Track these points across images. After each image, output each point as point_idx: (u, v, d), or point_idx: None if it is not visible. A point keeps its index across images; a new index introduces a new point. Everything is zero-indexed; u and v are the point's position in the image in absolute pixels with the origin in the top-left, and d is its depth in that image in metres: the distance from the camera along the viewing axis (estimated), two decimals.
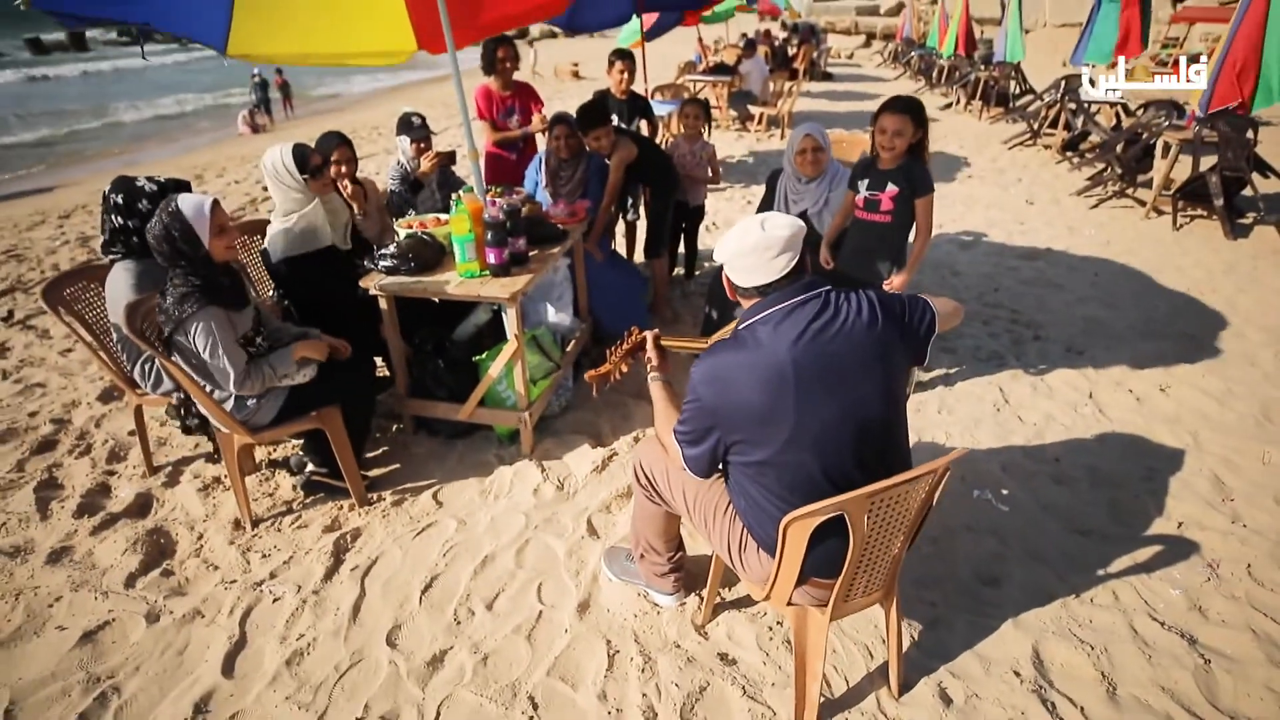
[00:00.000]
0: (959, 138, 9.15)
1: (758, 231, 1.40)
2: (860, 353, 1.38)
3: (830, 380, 1.37)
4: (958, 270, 4.57)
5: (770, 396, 1.36)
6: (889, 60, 20.03)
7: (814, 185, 2.97)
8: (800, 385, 1.35)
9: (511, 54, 3.71)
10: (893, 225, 2.64)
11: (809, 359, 1.35)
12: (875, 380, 1.40)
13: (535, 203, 3.08)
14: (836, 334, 1.38)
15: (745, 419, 1.39)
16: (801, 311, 1.39)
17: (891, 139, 2.49)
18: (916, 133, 2.51)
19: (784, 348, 1.36)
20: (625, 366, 1.86)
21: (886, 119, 2.49)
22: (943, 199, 6.22)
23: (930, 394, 3.12)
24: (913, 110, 2.48)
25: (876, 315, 1.42)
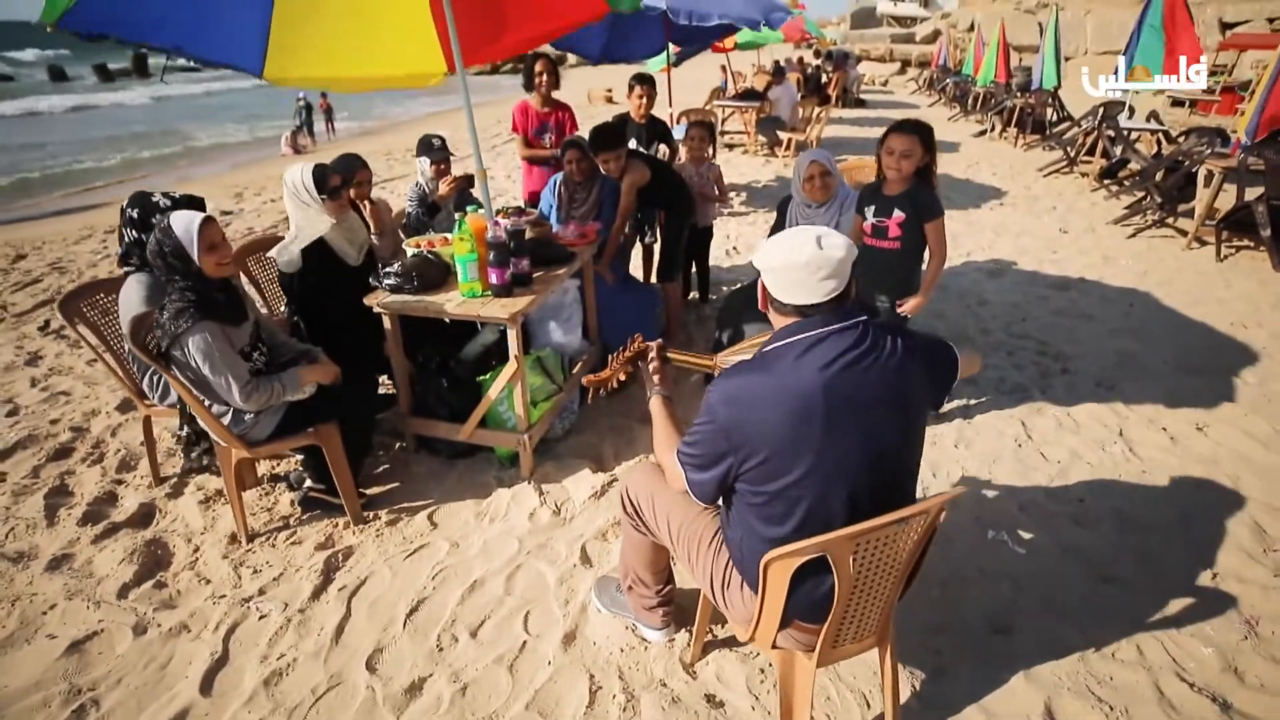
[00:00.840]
0: (992, 165, 8.98)
1: (813, 248, 1.31)
2: (889, 390, 1.32)
3: (858, 413, 1.30)
4: (985, 299, 4.43)
5: (796, 424, 1.28)
6: (923, 87, 19.92)
7: (823, 210, 2.90)
8: (830, 415, 1.28)
9: (549, 69, 3.75)
10: (901, 252, 2.56)
11: (840, 388, 1.28)
12: (899, 418, 1.34)
13: (545, 223, 3.08)
14: (870, 367, 1.30)
15: (766, 446, 1.31)
16: (837, 339, 1.31)
17: (899, 161, 2.42)
18: (924, 156, 2.44)
19: (814, 374, 1.28)
20: (625, 374, 1.81)
21: (894, 140, 2.42)
22: (971, 226, 6.09)
23: (948, 426, 3.00)
24: (921, 132, 2.41)
25: (909, 353, 1.35)
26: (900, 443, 1.36)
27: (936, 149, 2.50)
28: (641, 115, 4.02)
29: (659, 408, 1.67)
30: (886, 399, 1.31)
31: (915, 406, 1.37)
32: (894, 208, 2.51)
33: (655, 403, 1.68)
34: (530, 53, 3.65)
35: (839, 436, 1.29)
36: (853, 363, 1.30)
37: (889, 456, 1.35)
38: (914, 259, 2.58)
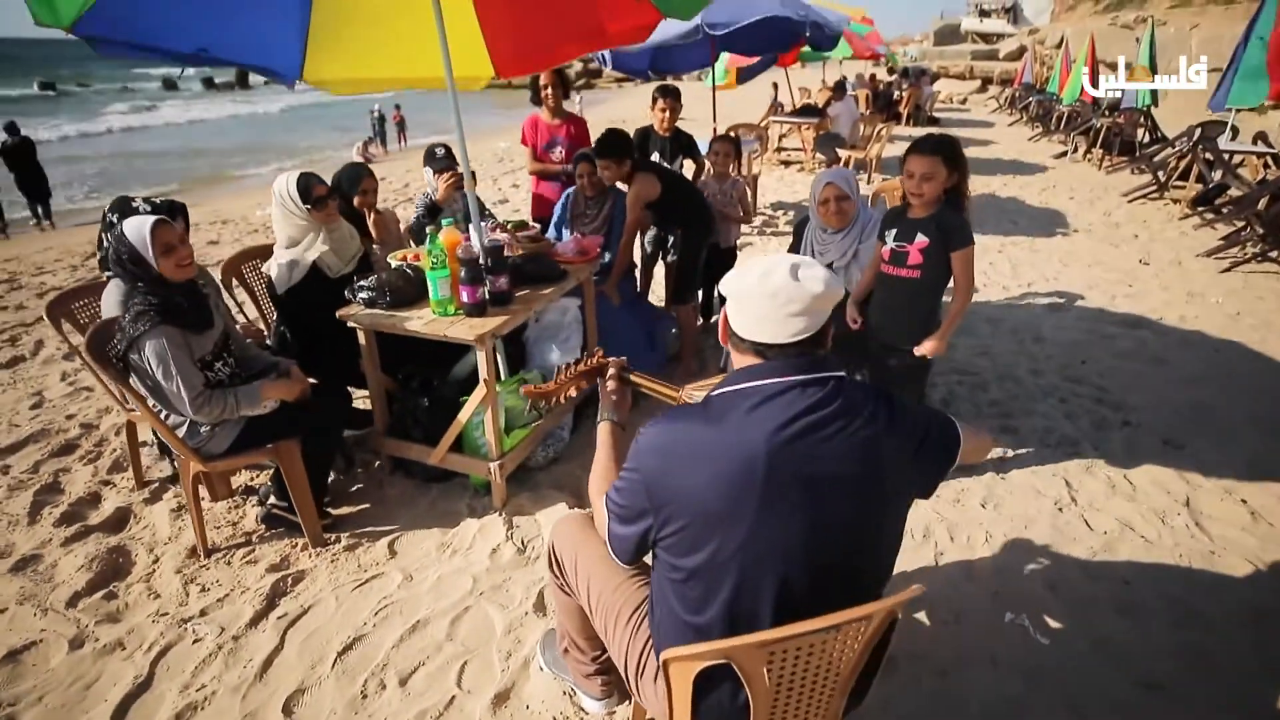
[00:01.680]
0: (1070, 188, 8.32)
1: (785, 277, 1.10)
2: (855, 466, 1.07)
3: (808, 489, 1.06)
4: (1041, 335, 3.99)
5: (728, 491, 1.06)
6: (1004, 106, 18.92)
7: (840, 237, 2.63)
8: (770, 487, 1.05)
9: (555, 81, 3.64)
10: (922, 282, 2.26)
11: (789, 457, 1.05)
12: (864, 502, 1.09)
13: (543, 239, 2.94)
14: (834, 435, 1.07)
15: (689, 511, 1.09)
16: (799, 395, 1.08)
17: (919, 184, 2.14)
18: (950, 176, 2.15)
19: (761, 435, 1.06)
20: (575, 390, 1.62)
21: (913, 161, 2.15)
22: (1037, 254, 5.59)
23: (976, 481, 2.65)
24: (944, 151, 2.12)
25: (891, 426, 1.11)
26: (862, 531, 1.11)
27: (967, 167, 2.20)
28: (665, 128, 3.84)
29: (605, 436, 1.45)
30: (850, 476, 1.07)
31: (891, 490, 1.12)
32: (917, 232, 2.22)
33: (603, 429, 1.46)
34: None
35: (778, 514, 1.05)
36: (812, 427, 1.06)
37: (843, 546, 1.10)
38: (935, 292, 2.28)
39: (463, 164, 2.58)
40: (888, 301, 2.38)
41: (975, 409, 3.18)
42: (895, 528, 1.19)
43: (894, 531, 1.19)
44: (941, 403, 3.24)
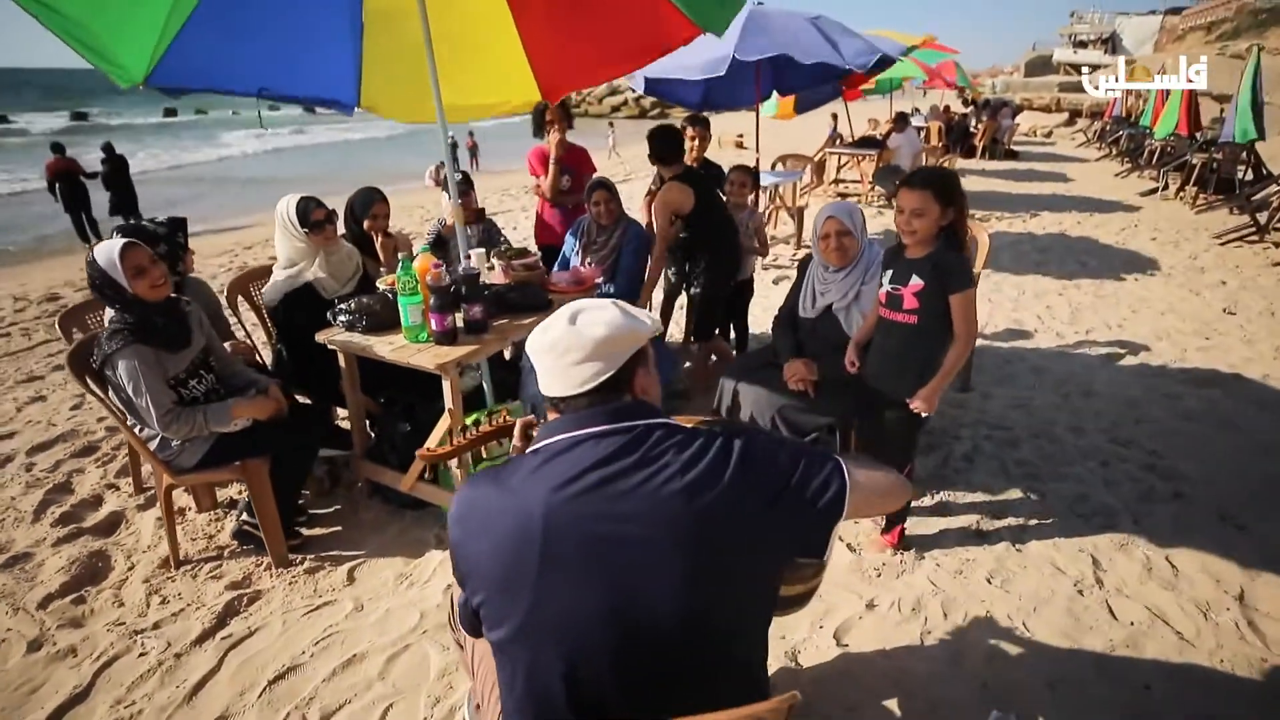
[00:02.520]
0: (1154, 228, 7.67)
1: (561, 325, 1.04)
2: (667, 524, 0.93)
3: (602, 554, 0.93)
4: (1092, 390, 3.61)
5: (507, 560, 0.96)
6: (1092, 139, 17.86)
7: (842, 275, 2.45)
8: (548, 552, 0.94)
9: (558, 117, 3.65)
10: (918, 329, 2.05)
11: (573, 516, 0.94)
12: (690, 568, 0.93)
13: (539, 269, 2.89)
14: (634, 490, 0.94)
15: (484, 582, 1.00)
16: (590, 448, 0.98)
17: (910, 220, 1.95)
18: (945, 213, 1.95)
19: (540, 494, 0.96)
20: (481, 450, 1.54)
21: (903, 196, 1.97)
22: (1102, 299, 5.13)
23: (985, 551, 2.37)
24: (936, 185, 1.93)
25: (724, 475, 0.96)
26: (690, 603, 0.94)
27: (965, 203, 1.99)
28: (694, 158, 3.76)
29: None
30: (659, 537, 0.93)
31: (731, 553, 0.96)
32: (912, 274, 2.03)
33: None
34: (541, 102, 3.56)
35: (566, 584, 0.93)
36: (605, 481, 0.94)
37: (663, 622, 0.94)
38: (934, 339, 2.06)
39: (451, 193, 2.58)
40: (883, 348, 2.18)
41: (1000, 467, 2.88)
42: (749, 600, 1.01)
43: (746, 605, 1.01)
44: (964, 458, 2.96)
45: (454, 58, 2.99)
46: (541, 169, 3.81)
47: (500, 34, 2.92)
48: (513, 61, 3.01)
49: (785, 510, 1.00)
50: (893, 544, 2.35)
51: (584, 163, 3.83)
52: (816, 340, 2.54)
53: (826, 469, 1.04)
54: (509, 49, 2.96)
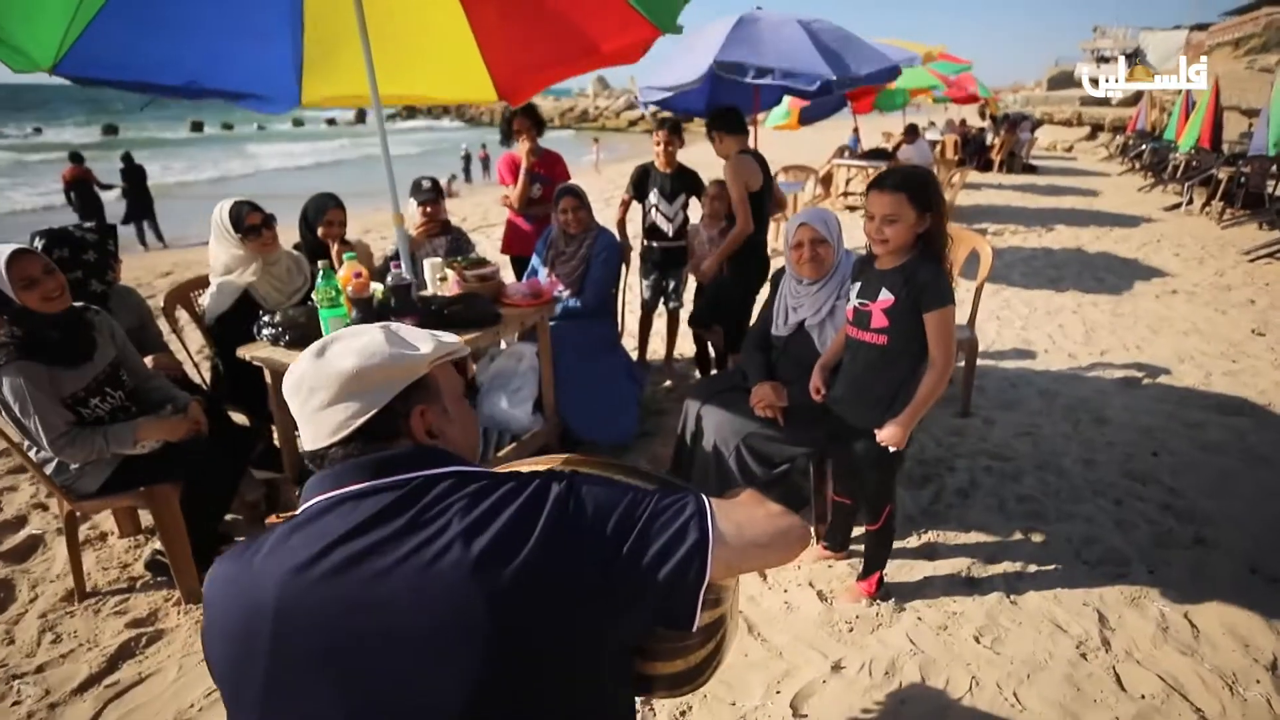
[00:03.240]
0: (1178, 243, 7.31)
1: (308, 359, 0.84)
2: (442, 613, 0.69)
3: (348, 662, 0.70)
4: (1105, 416, 3.31)
5: (232, 663, 0.74)
6: (1115, 154, 17.41)
7: (816, 288, 2.20)
8: (279, 657, 0.71)
9: (527, 126, 3.45)
10: (887, 351, 1.80)
11: (312, 609, 0.71)
12: (469, 678, 0.69)
13: (495, 280, 2.69)
14: (394, 568, 0.71)
15: (220, 684, 0.78)
16: (344, 514, 0.75)
17: (880, 227, 1.71)
18: (921, 220, 1.70)
19: (275, 577, 0.73)
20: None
21: (873, 200, 1.72)
22: (1119, 318, 4.81)
23: (977, 603, 2.09)
24: (911, 187, 1.68)
25: (526, 538, 0.73)
26: (471, 710, 0.69)
27: (944, 209, 1.75)
28: (666, 164, 3.54)
29: None
30: (429, 632, 0.69)
31: (542, 644, 0.71)
32: (882, 287, 1.78)
33: None
34: (509, 109, 3.38)
35: (291, 703, 0.70)
36: (351, 560, 0.72)
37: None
38: (906, 363, 1.80)
39: (390, 198, 2.39)
40: (849, 371, 1.92)
41: (998, 504, 2.60)
42: (581, 706, 0.76)
43: (578, 713, 0.77)
44: (958, 493, 2.68)
45: (403, 57, 2.84)
46: (511, 178, 3.63)
47: (452, 32, 2.75)
48: (466, 60, 2.84)
49: (621, 579, 0.75)
50: (869, 593, 2.08)
51: (558, 170, 3.63)
52: (788, 361, 2.29)
53: (680, 520, 0.79)
54: (462, 47, 2.79)
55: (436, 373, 0.90)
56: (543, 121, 3.52)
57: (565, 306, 3.10)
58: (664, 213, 3.55)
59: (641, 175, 3.59)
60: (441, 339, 0.93)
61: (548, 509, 0.77)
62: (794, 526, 0.87)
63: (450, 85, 3.07)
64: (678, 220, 3.57)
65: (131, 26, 2.12)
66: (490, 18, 2.72)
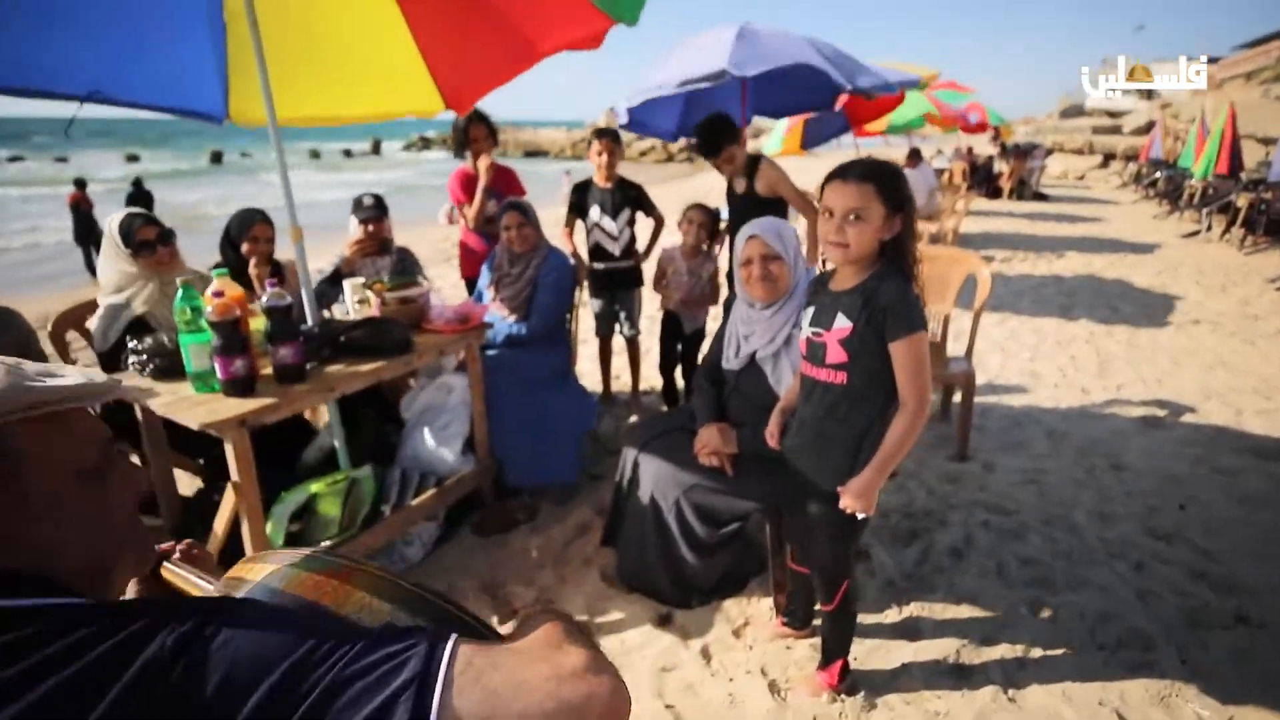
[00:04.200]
0: (1197, 271, 6.91)
1: None
2: None
3: None
4: (1121, 462, 2.91)
5: None
6: (1128, 182, 17.05)
7: (770, 313, 1.86)
8: None
9: (483, 134, 3.19)
10: (849, 392, 1.45)
11: None
12: None
13: (420, 302, 2.38)
14: None
15: None
16: None
17: (840, 228, 1.37)
18: (891, 222, 1.36)
19: None
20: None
21: (833, 191, 1.38)
22: (1136, 350, 4.41)
23: (965, 701, 1.70)
24: (881, 179, 1.35)
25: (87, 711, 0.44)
26: None
27: (914, 210, 1.40)
28: (606, 178, 3.24)
29: None
30: None
31: None
32: (837, 313, 1.44)
33: None
34: (462, 116, 3.13)
35: None
36: None
37: None
38: (872, 406, 1.45)
39: (288, 214, 2.10)
40: (806, 417, 1.57)
41: (997, 568, 2.21)
42: None
43: None
44: (950, 553, 2.29)
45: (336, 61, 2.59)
46: (464, 194, 3.35)
47: (388, 34, 2.49)
48: (407, 65, 2.58)
49: None
50: (831, 685, 1.69)
51: (513, 185, 3.35)
52: (740, 400, 1.95)
53: (386, 690, 0.47)
54: (400, 50, 2.53)
55: (29, 434, 0.57)
56: (496, 132, 3.25)
57: (509, 333, 2.79)
58: (607, 230, 3.25)
59: (579, 191, 3.31)
60: (68, 379, 0.60)
61: (123, 684, 0.44)
62: (594, 697, 0.52)
63: (389, 96, 2.80)
64: (624, 238, 3.27)
65: (22, 26, 1.87)
66: (429, 16, 2.47)
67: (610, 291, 3.33)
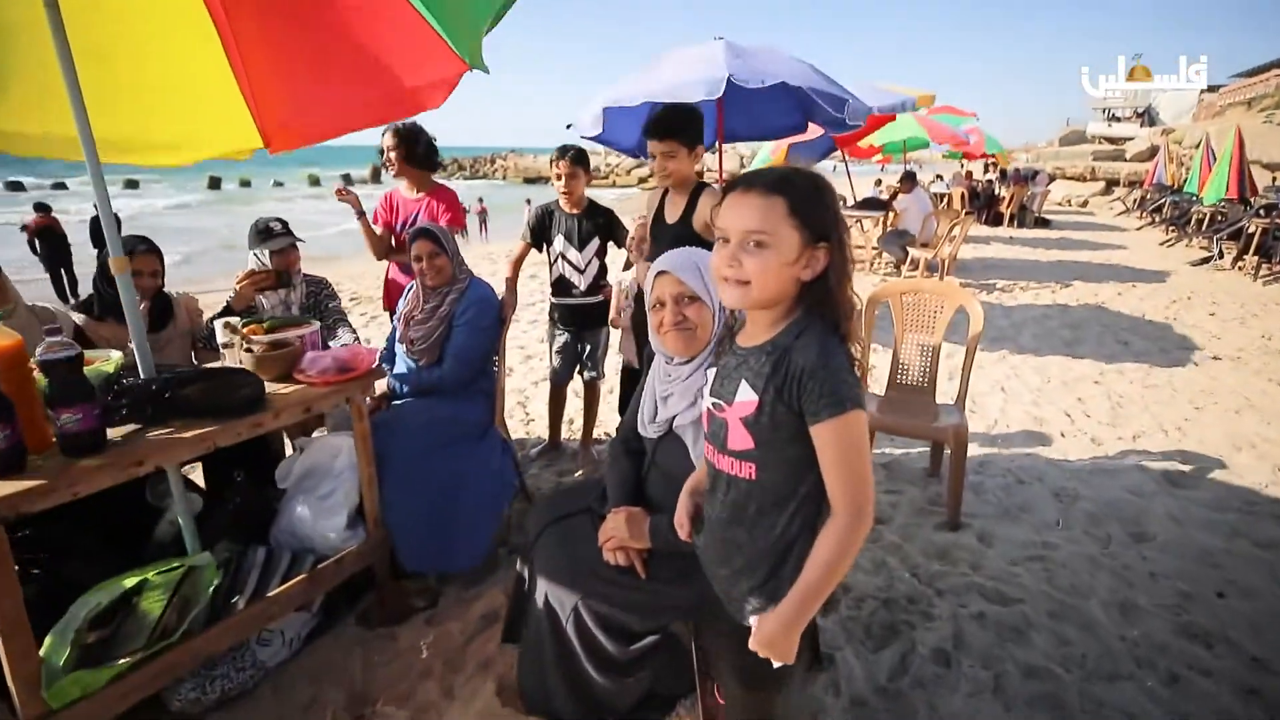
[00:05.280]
0: (1212, 302, 6.50)
1: None
2: None
3: None
4: (1144, 532, 2.47)
5: None
6: (1132, 208, 16.72)
7: (690, 370, 1.46)
8: None
9: (398, 145, 2.83)
10: (758, 490, 1.04)
11: None
12: None
13: (292, 347, 1.99)
14: None
15: None
16: None
17: (734, 259, 0.97)
18: (809, 254, 0.97)
19: None
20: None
21: (731, 207, 0.98)
22: (1153, 390, 3.98)
23: None
24: (794, 193, 0.95)
25: None
26: None
27: (847, 236, 1.00)
28: (573, 203, 2.86)
29: None
30: None
31: None
32: (741, 379, 1.04)
33: None
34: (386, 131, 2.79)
35: None
36: None
37: None
38: (791, 511, 1.03)
39: (109, 244, 1.72)
40: (711, 516, 1.15)
41: (993, 681, 1.77)
42: None
43: None
44: (936, 658, 1.85)
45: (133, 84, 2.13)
46: (386, 216, 2.99)
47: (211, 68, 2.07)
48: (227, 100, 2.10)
49: None
50: None
51: (446, 207, 2.97)
52: (659, 477, 1.53)
53: None
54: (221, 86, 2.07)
55: None
56: (413, 142, 2.88)
57: (419, 380, 2.39)
58: (573, 262, 2.87)
59: (542, 218, 2.93)
60: None
61: None
62: None
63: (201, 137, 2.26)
64: (591, 271, 2.89)
65: None
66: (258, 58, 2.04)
67: (575, 330, 2.94)
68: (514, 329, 5.67)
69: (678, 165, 2.21)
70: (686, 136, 2.19)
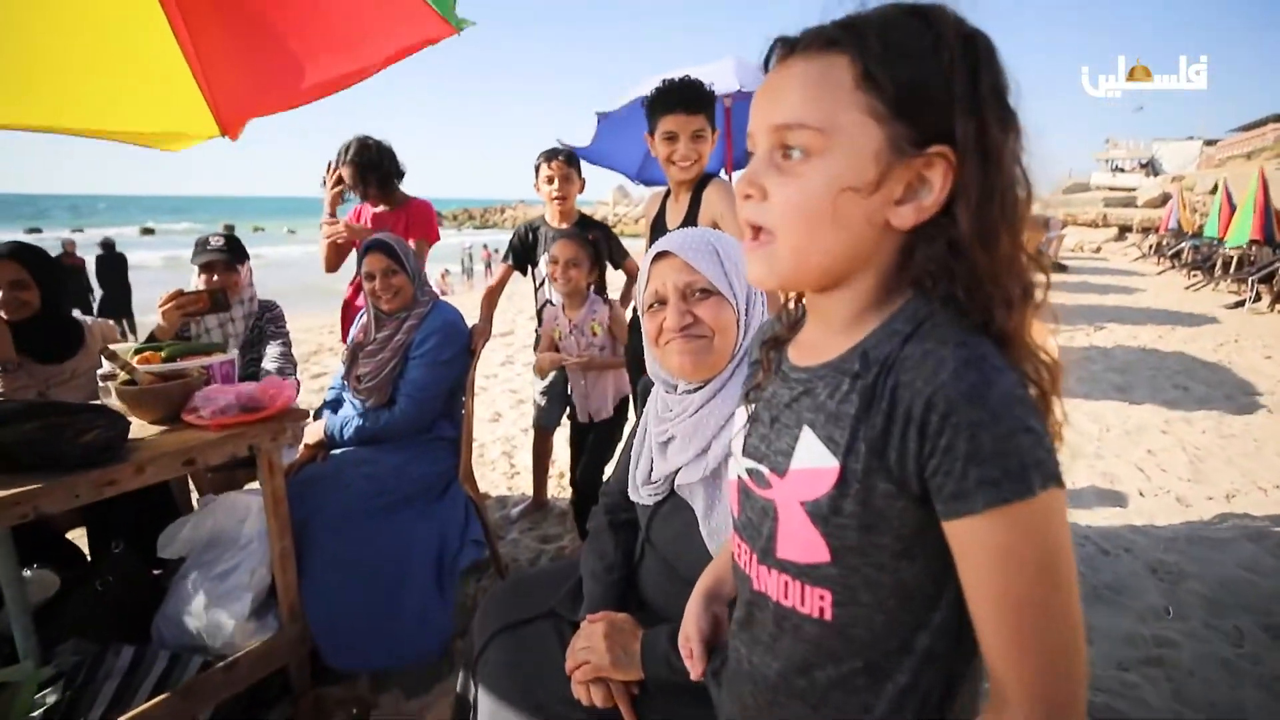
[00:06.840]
0: (1264, 343, 6.02)
1: None
2: None
3: None
4: (1275, 621, 1.94)
5: None
6: (1149, 254, 16.39)
7: (700, 400, 0.99)
8: None
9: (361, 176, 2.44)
10: (832, 638, 0.56)
11: None
12: None
13: (191, 379, 1.55)
14: None
15: None
16: None
17: (751, 183, 0.52)
18: (911, 164, 0.53)
19: None
20: None
21: (759, 93, 0.55)
22: (1233, 441, 3.47)
23: None
24: (862, 39, 0.51)
25: None
26: None
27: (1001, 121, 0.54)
28: (562, 216, 2.46)
29: None
30: None
31: None
32: (802, 427, 0.56)
33: None
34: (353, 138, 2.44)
35: None
36: None
37: None
38: (890, 677, 0.55)
39: None
40: (744, 658, 0.68)
41: None
42: None
43: None
44: None
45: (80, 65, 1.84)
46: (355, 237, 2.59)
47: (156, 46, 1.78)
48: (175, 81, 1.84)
49: None
50: None
51: (416, 224, 2.56)
52: (655, 564, 1.05)
53: None
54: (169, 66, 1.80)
55: None
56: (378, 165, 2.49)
57: (363, 425, 1.93)
58: None
59: (527, 235, 2.53)
60: None
61: None
62: None
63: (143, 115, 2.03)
64: None
65: None
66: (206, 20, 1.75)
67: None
68: (507, 369, 5.23)
69: (708, 149, 1.78)
70: (712, 115, 1.78)
